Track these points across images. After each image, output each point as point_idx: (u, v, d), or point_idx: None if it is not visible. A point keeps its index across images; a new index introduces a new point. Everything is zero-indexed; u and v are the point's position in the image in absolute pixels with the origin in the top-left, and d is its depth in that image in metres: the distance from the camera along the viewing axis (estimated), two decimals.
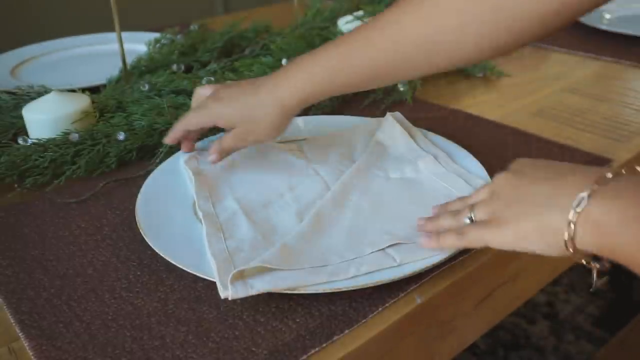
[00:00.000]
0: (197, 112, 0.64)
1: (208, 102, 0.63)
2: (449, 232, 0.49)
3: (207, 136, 0.73)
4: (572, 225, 0.40)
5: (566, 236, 0.40)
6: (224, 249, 0.52)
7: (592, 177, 0.41)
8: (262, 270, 0.48)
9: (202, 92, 0.66)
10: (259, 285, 0.47)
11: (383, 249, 0.52)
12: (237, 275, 0.47)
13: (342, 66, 0.58)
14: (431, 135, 0.72)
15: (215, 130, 0.73)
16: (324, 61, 0.58)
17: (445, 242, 0.49)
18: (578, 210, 0.40)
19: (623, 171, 0.40)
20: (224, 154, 0.64)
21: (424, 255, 0.51)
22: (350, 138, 0.72)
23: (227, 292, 0.46)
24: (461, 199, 0.54)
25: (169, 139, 0.67)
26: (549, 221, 0.42)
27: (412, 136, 0.70)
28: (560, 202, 0.41)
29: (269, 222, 0.57)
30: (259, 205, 0.60)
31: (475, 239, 0.47)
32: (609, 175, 0.40)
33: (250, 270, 0.48)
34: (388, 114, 0.73)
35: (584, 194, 0.40)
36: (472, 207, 0.49)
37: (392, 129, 0.71)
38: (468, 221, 0.49)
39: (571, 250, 0.41)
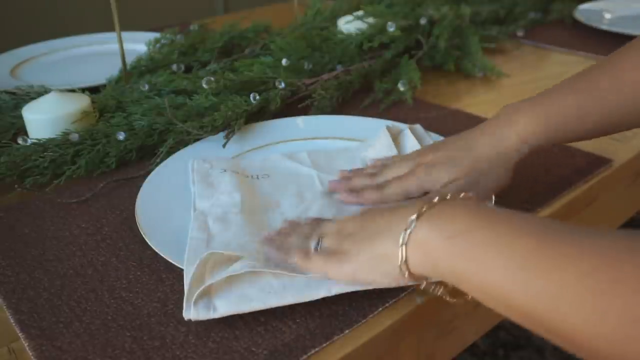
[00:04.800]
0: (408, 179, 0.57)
1: (422, 170, 0.57)
2: (296, 251, 0.49)
3: None
4: (403, 248, 0.41)
5: (399, 260, 0.42)
6: (202, 262, 0.49)
7: (423, 203, 0.42)
8: (231, 282, 0.47)
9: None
10: (223, 308, 0.46)
11: None
12: (205, 290, 0.46)
13: (572, 111, 0.56)
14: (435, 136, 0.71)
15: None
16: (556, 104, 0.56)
17: (290, 258, 0.49)
18: (408, 232, 0.41)
19: (448, 196, 0.43)
20: None
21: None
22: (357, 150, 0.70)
23: (189, 313, 0.45)
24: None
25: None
26: (383, 249, 0.43)
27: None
28: (393, 229, 0.43)
29: (264, 224, 0.56)
30: (261, 209, 0.59)
31: (318, 268, 0.47)
32: (436, 199, 0.42)
33: (218, 283, 0.47)
34: (407, 128, 0.70)
35: (413, 217, 0.41)
36: (321, 233, 0.50)
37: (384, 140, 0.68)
38: (314, 244, 0.49)
39: (406, 274, 0.42)
